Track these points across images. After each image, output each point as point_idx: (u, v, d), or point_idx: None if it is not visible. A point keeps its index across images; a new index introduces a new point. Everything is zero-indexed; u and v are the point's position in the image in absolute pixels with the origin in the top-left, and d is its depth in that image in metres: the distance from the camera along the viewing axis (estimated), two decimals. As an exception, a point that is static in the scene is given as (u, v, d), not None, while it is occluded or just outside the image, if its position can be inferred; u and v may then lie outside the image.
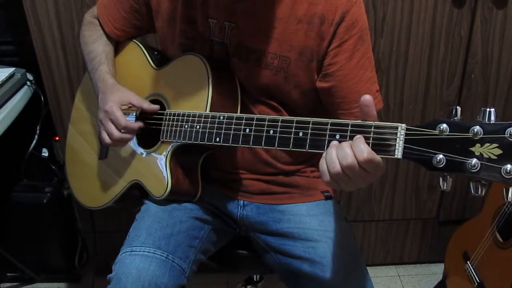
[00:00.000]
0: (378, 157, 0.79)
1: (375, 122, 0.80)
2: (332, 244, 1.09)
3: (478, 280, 1.52)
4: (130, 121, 1.10)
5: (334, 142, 0.82)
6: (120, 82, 1.17)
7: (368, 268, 1.12)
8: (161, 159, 1.11)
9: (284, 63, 1.05)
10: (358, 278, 1.07)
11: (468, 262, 1.59)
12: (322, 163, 0.82)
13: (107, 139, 1.11)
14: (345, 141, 0.81)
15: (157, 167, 1.11)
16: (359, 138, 0.80)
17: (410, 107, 1.73)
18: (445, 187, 0.76)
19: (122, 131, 1.09)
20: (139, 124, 1.10)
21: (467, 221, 1.67)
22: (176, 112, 1.08)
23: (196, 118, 1.03)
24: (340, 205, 1.25)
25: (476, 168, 0.70)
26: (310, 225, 1.13)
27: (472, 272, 1.56)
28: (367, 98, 0.80)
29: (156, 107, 1.11)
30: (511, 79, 1.70)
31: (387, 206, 1.91)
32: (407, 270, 2.05)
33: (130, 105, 1.11)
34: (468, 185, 0.73)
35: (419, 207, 1.92)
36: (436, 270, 2.00)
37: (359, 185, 0.83)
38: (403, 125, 0.77)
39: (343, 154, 0.79)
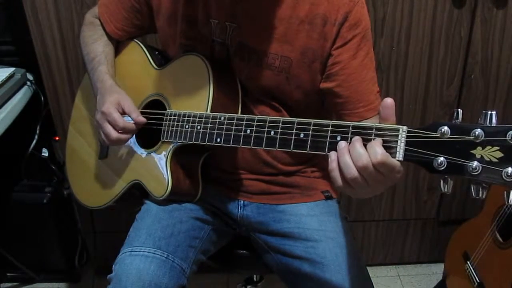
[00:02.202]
0: (392, 160, 0.77)
1: (376, 124, 0.80)
2: (332, 244, 1.09)
3: (478, 280, 1.52)
4: (128, 121, 1.10)
5: (343, 144, 0.80)
6: (121, 82, 1.17)
7: (368, 268, 1.12)
8: (162, 159, 1.11)
9: (285, 63, 1.05)
10: (358, 278, 1.07)
11: (468, 262, 1.59)
12: (334, 170, 0.79)
13: (105, 139, 1.11)
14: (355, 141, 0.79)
15: (157, 167, 1.11)
16: (376, 141, 0.78)
17: (410, 107, 1.73)
18: (445, 190, 0.76)
19: (120, 131, 1.09)
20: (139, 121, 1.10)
21: (467, 221, 1.67)
22: (177, 112, 1.08)
23: (197, 119, 1.03)
24: (340, 205, 1.25)
25: (477, 171, 0.70)
26: (310, 225, 1.13)
27: (472, 272, 1.56)
28: (388, 101, 0.79)
29: (143, 120, 1.09)
30: (511, 79, 1.70)
31: (387, 206, 1.91)
32: (407, 270, 2.05)
33: (122, 110, 1.10)
34: (468, 186, 0.73)
35: (419, 207, 1.93)
36: (436, 270, 2.00)
37: (376, 190, 0.81)
38: (405, 127, 0.77)
39: (357, 154, 0.77)
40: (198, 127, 1.03)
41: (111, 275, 1.05)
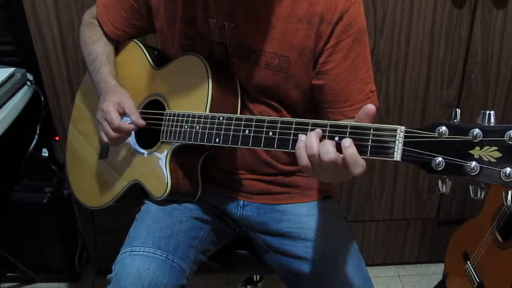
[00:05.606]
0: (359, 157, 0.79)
1: (374, 125, 0.80)
2: (332, 244, 1.09)
3: (478, 280, 1.52)
4: (126, 122, 1.10)
5: (302, 137, 0.83)
6: (120, 82, 1.18)
7: (368, 268, 1.11)
8: (161, 159, 1.11)
9: (284, 63, 1.05)
10: (358, 278, 1.07)
11: (468, 262, 1.59)
12: (301, 148, 0.83)
13: (104, 137, 1.12)
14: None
15: (157, 167, 1.11)
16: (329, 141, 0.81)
17: (410, 107, 1.73)
18: (444, 190, 0.76)
19: (115, 131, 1.09)
20: (132, 126, 1.10)
21: (467, 221, 1.67)
22: (176, 113, 1.08)
23: (196, 119, 1.03)
24: (340, 205, 1.25)
25: (475, 171, 0.70)
26: (310, 225, 1.13)
27: (472, 272, 1.56)
28: (370, 107, 0.80)
29: (142, 123, 1.10)
30: (511, 79, 1.70)
31: (387, 206, 1.91)
32: (407, 270, 2.05)
33: (123, 111, 1.11)
34: (467, 186, 0.73)
35: (419, 207, 1.93)
36: (436, 270, 2.00)
37: (337, 178, 0.85)
38: (402, 127, 0.77)
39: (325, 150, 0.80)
40: (197, 127, 1.03)
41: (111, 275, 1.05)
